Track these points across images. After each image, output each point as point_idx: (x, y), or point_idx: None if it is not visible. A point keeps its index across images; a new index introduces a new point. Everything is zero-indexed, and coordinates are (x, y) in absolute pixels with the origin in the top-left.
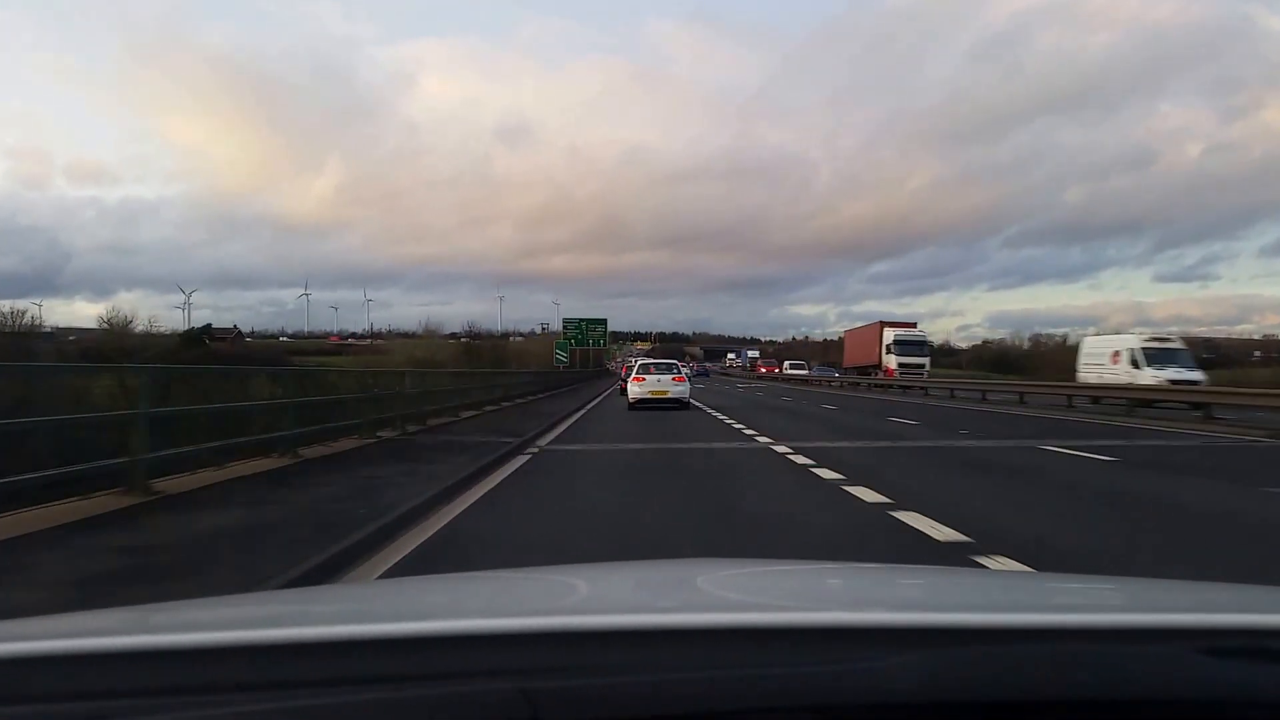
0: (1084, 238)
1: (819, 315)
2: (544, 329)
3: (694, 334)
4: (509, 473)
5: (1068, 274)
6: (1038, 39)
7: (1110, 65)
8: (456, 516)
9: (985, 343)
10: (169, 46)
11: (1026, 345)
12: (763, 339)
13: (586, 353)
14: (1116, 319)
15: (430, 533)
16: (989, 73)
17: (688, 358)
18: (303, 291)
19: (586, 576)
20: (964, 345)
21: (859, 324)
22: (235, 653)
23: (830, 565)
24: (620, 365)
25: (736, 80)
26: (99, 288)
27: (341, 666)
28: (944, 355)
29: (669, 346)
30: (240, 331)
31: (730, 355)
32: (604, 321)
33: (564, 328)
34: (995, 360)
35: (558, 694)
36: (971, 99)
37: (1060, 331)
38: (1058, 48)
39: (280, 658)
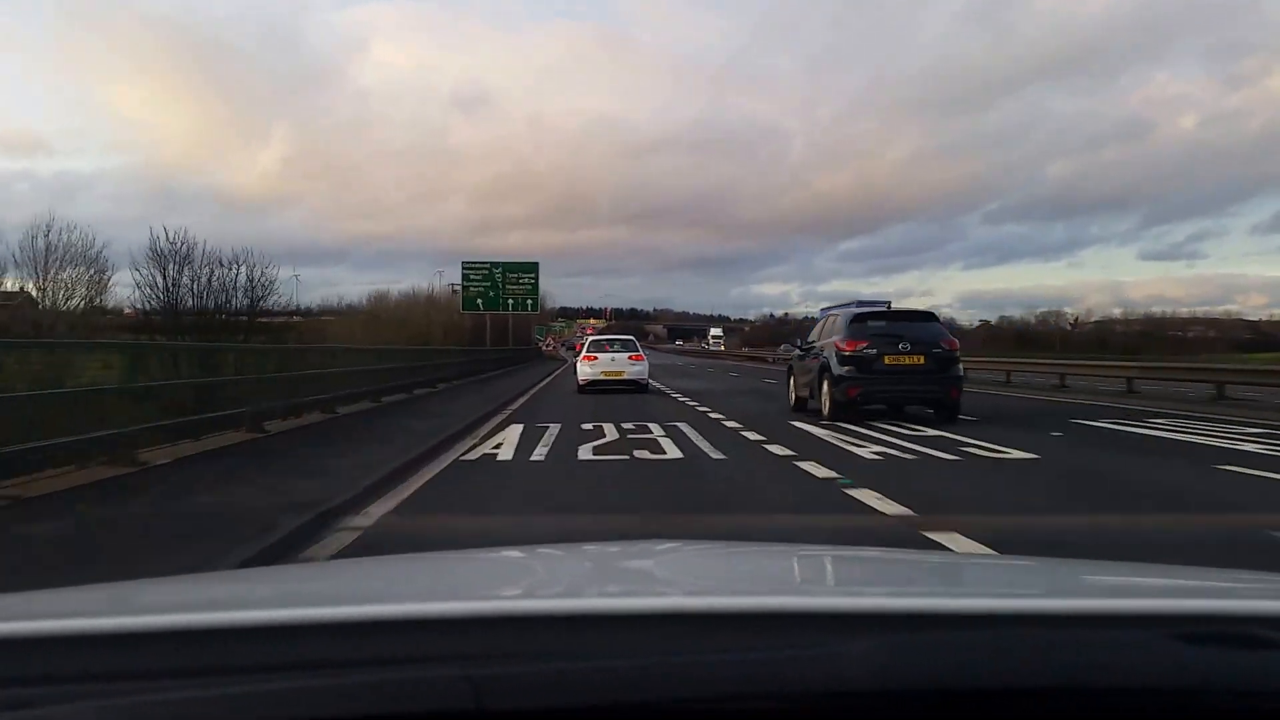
0: (1068, 214)
1: (783, 294)
2: (433, 285)
3: (655, 310)
4: None
5: (1048, 252)
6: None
7: (1108, 29)
8: None
9: (985, 323)
10: (109, 8)
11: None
12: (732, 318)
13: (504, 322)
14: (1093, 299)
15: None
16: (979, 35)
17: (651, 337)
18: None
19: (537, 558)
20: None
21: (825, 303)
22: (163, 637)
23: (786, 547)
24: (557, 346)
25: (708, 46)
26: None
27: (276, 651)
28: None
29: (628, 325)
30: (31, 298)
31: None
32: (534, 268)
33: (464, 279)
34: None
35: (502, 680)
36: (960, 64)
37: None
38: (1053, 8)
39: (211, 642)
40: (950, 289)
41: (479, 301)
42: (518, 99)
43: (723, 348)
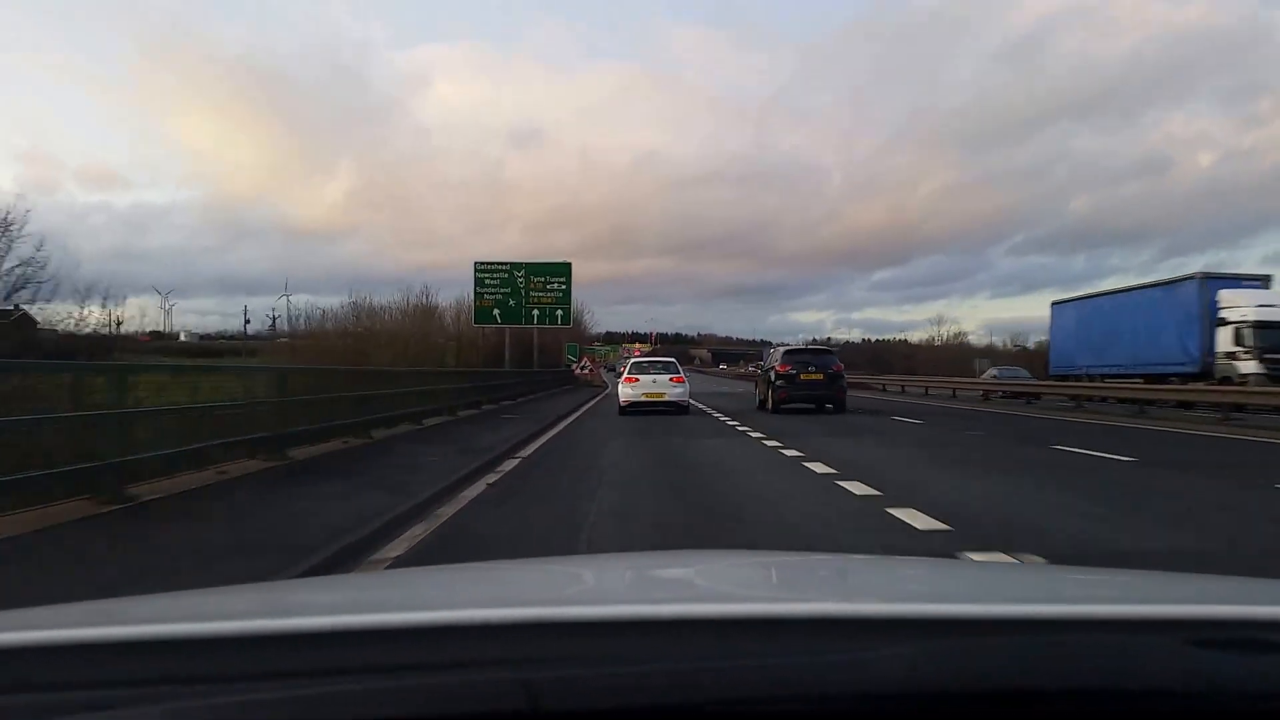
0: (1089, 245)
1: (818, 322)
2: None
3: (699, 335)
4: None
5: (1069, 282)
6: (1062, 41)
7: (1132, 69)
8: None
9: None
10: (182, 45)
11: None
12: (774, 343)
13: (529, 338)
14: None
15: None
16: (1011, 75)
17: (696, 360)
18: (282, 293)
19: (585, 567)
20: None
21: (855, 330)
22: (233, 643)
23: (824, 556)
24: (596, 369)
25: (752, 84)
26: (106, 293)
27: (338, 656)
28: None
29: (673, 349)
30: (28, 316)
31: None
32: (565, 270)
33: (477, 284)
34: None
35: (556, 684)
36: (992, 102)
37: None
38: (1082, 50)
39: (278, 647)
40: (976, 316)
41: (496, 312)
42: (569, 135)
43: None
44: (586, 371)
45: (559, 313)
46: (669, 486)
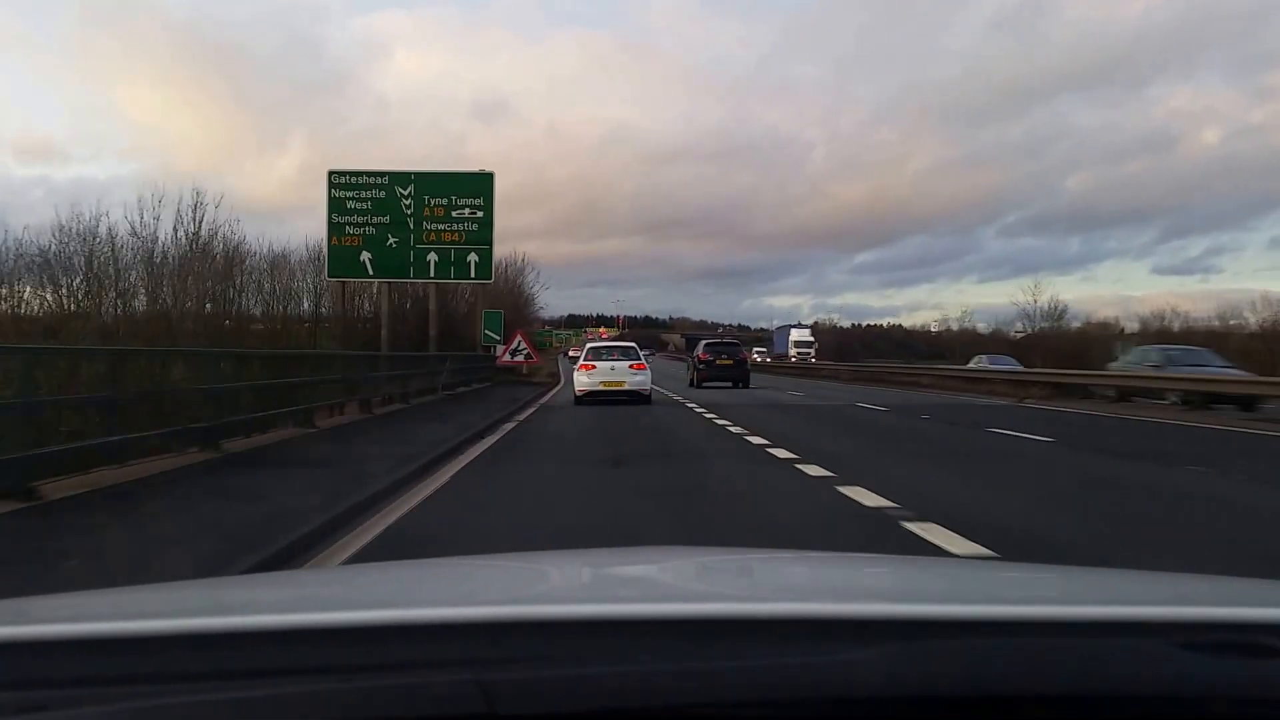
0: (1086, 227)
1: (793, 308)
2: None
3: (672, 319)
4: None
5: (1063, 265)
6: (1063, 8)
7: (1138, 39)
8: None
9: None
10: (127, 12)
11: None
12: (753, 328)
13: (417, 303)
14: (1101, 313)
15: None
16: (1010, 44)
17: (670, 347)
18: None
19: (548, 564)
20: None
21: (833, 316)
22: (174, 641)
23: (797, 554)
24: (535, 354)
25: (730, 54)
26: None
27: (284, 657)
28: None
29: (642, 334)
30: None
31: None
32: (485, 185)
33: (332, 209)
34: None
35: (515, 686)
36: (988, 74)
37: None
38: (1085, 17)
39: (221, 647)
40: (961, 302)
41: (365, 258)
42: (536, 107)
43: (813, 359)
44: (522, 359)
45: (472, 260)
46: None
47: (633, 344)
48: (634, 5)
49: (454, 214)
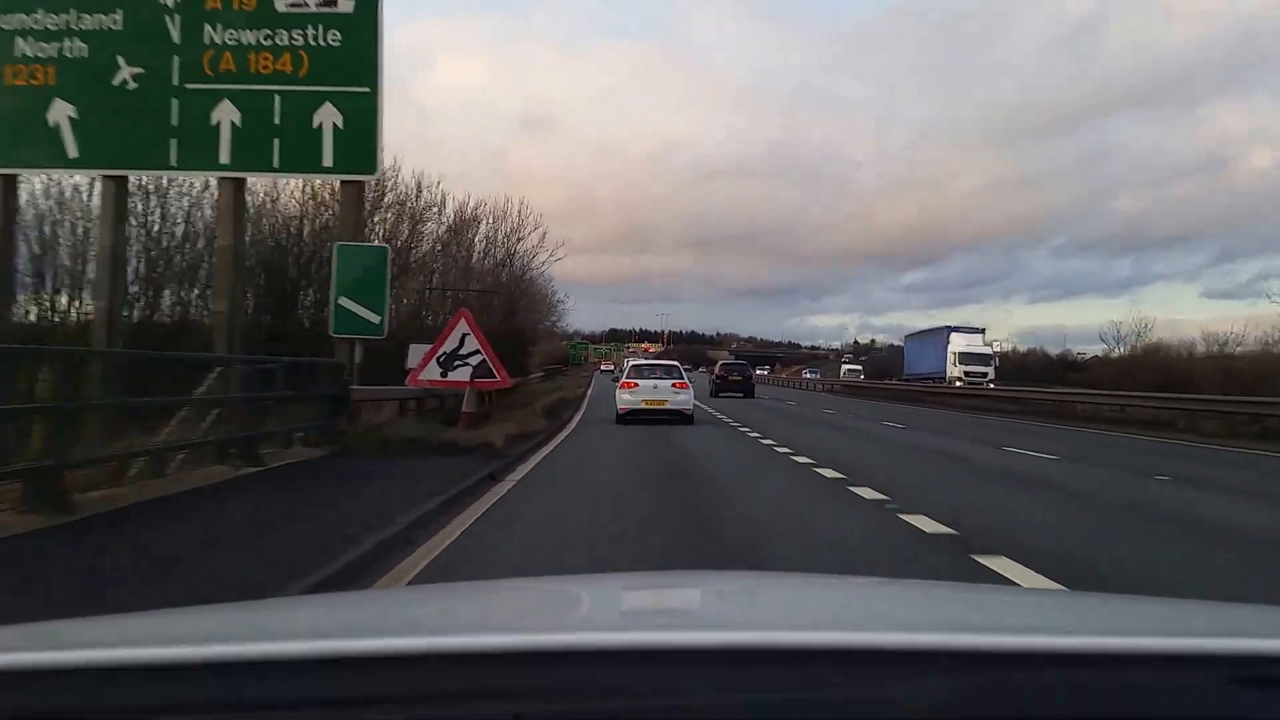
0: (1137, 248)
1: (838, 326)
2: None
3: (720, 335)
4: None
5: (1112, 287)
6: (1118, 28)
7: (1196, 58)
8: None
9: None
10: None
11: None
12: (804, 346)
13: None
14: (1149, 336)
15: None
16: (1063, 64)
17: (719, 365)
18: None
19: (582, 589)
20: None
21: (879, 336)
22: (210, 669)
23: (833, 579)
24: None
25: (781, 70)
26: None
27: (316, 685)
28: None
29: (687, 351)
30: None
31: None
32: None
33: None
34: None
35: (549, 716)
36: (1041, 93)
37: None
38: (1140, 38)
39: (252, 675)
40: (1009, 323)
41: (59, 121)
42: (581, 121)
43: (991, 384)
44: (461, 380)
45: (327, 124)
46: None
47: (675, 363)
48: (681, 20)
49: (277, 10)
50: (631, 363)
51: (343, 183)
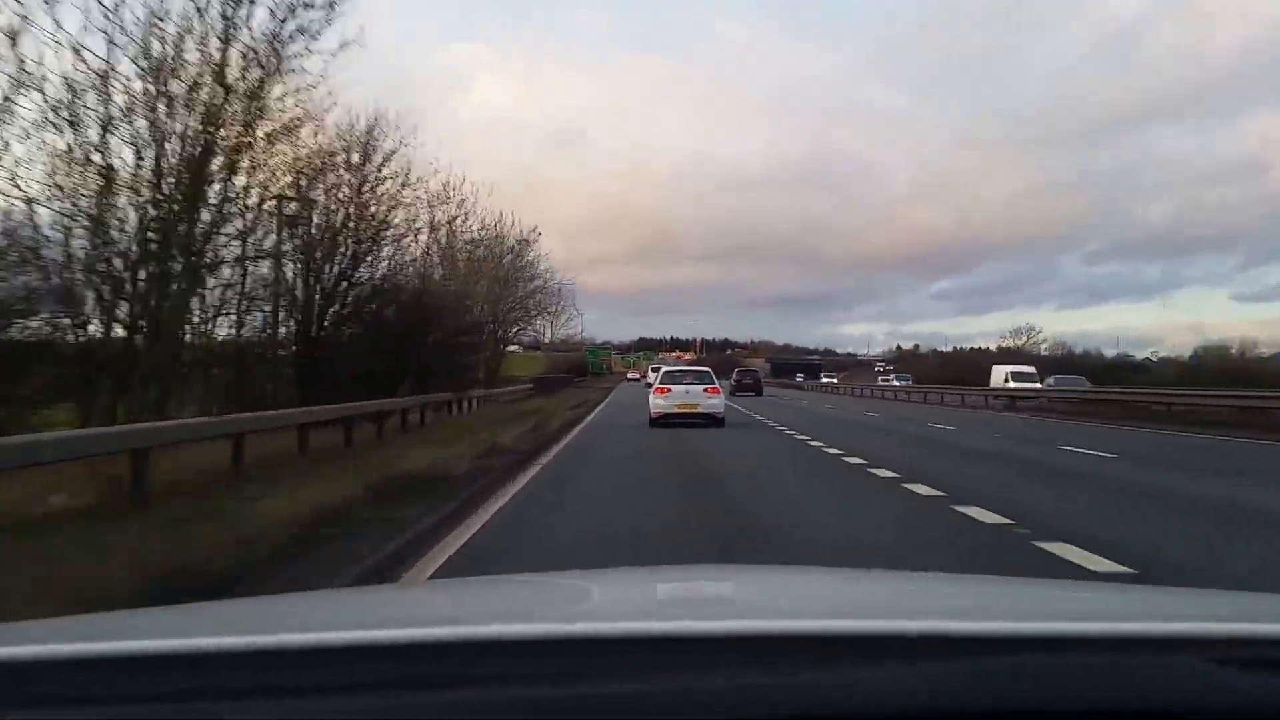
0: (1168, 254)
1: (865, 335)
2: None
3: (753, 342)
4: None
5: (1142, 292)
6: (1158, 34)
7: (1237, 64)
8: None
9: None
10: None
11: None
12: (839, 352)
13: None
14: (1174, 339)
15: None
16: (1101, 70)
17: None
18: None
19: (598, 582)
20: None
21: (908, 344)
22: (228, 659)
23: (842, 571)
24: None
25: (812, 79)
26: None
27: (338, 674)
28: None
29: (720, 359)
30: None
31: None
32: None
33: None
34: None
35: (567, 702)
36: (1077, 99)
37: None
38: (1180, 43)
39: (271, 663)
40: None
41: None
42: (613, 135)
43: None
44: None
45: None
46: None
47: (707, 369)
48: (712, 31)
49: None
50: (664, 369)
51: None
